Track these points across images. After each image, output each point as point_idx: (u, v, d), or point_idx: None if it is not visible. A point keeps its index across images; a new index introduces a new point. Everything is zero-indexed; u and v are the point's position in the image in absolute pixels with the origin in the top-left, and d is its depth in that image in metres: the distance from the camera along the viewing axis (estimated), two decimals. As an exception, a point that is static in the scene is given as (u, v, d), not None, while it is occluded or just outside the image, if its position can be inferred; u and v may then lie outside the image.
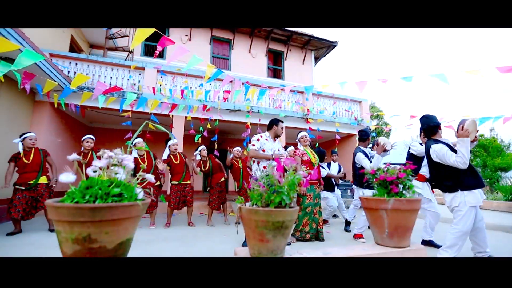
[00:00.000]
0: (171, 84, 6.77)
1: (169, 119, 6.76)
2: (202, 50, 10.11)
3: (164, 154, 4.62)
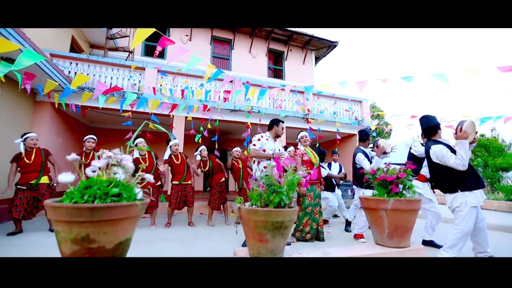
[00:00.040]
0: (172, 84, 6.78)
1: (169, 119, 6.76)
2: (202, 50, 10.11)
3: (166, 154, 4.63)
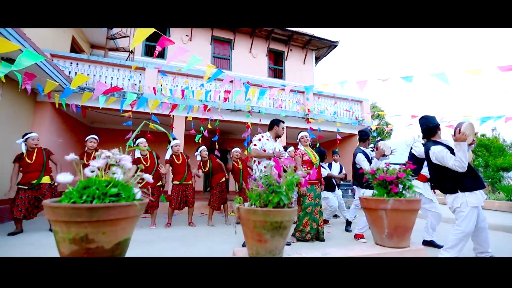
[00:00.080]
0: (172, 84, 6.78)
1: (169, 119, 6.76)
2: (203, 50, 10.12)
3: (167, 154, 4.64)
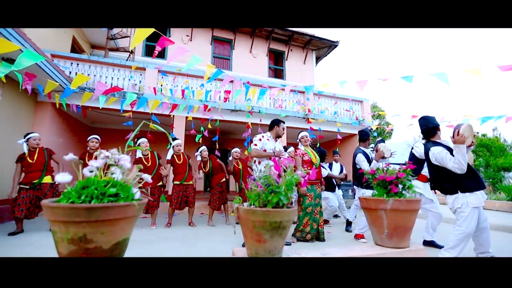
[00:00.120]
0: (172, 84, 6.79)
1: (170, 119, 6.77)
2: (203, 50, 10.12)
3: (168, 154, 4.65)
